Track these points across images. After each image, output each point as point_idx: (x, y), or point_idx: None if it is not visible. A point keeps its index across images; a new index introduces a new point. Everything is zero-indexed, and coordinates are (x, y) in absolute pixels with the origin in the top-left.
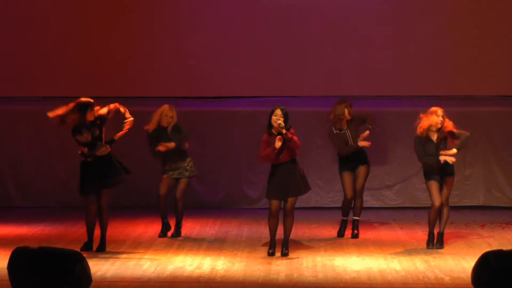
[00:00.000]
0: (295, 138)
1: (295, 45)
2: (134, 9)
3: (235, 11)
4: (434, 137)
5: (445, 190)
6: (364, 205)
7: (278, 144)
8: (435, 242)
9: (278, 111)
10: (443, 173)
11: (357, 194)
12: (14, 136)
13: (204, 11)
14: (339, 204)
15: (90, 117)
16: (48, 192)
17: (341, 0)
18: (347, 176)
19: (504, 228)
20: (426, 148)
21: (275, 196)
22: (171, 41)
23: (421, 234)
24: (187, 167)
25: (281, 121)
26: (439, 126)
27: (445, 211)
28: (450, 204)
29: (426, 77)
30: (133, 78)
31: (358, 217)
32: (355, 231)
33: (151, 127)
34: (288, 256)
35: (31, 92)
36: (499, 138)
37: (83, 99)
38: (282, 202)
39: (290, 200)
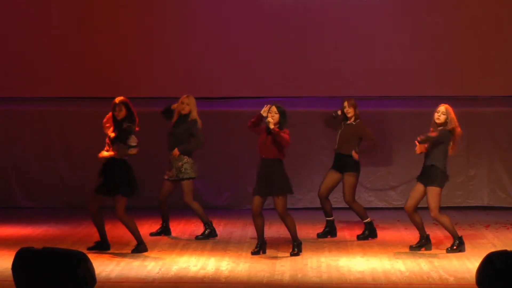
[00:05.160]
0: (284, 135)
1: (299, 46)
2: (137, 10)
3: (240, 12)
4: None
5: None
6: (369, 206)
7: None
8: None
9: (273, 108)
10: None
11: (346, 201)
12: (18, 136)
13: (208, 11)
14: (344, 205)
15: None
16: (52, 193)
17: (345, 0)
18: (328, 173)
19: (508, 228)
20: None
21: (258, 192)
22: (175, 41)
23: None
24: (181, 169)
25: (270, 118)
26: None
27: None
28: (453, 204)
29: (430, 78)
30: (137, 78)
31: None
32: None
33: (173, 120)
34: (300, 255)
35: (36, 92)
36: (503, 139)
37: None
38: (265, 201)
39: (277, 200)
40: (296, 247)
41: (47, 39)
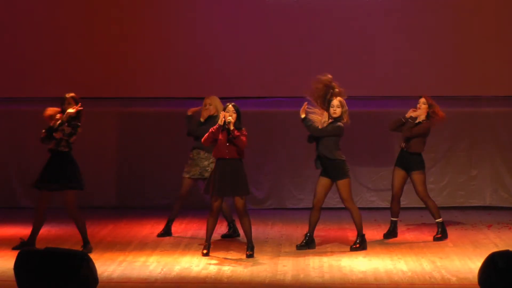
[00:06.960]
0: (242, 138)
1: (301, 46)
2: (138, 10)
3: (241, 11)
4: None
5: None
6: (371, 206)
7: (221, 120)
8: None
9: (230, 107)
10: None
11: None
12: (20, 137)
13: (209, 11)
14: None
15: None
16: (53, 193)
17: (347, 0)
18: (395, 172)
19: (510, 228)
20: None
21: (220, 194)
22: (176, 41)
23: (428, 234)
24: (207, 168)
25: (231, 117)
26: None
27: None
28: (455, 204)
29: (432, 78)
30: (138, 78)
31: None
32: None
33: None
34: (254, 257)
35: (37, 93)
36: (505, 139)
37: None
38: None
39: (238, 199)
40: (250, 249)
41: (48, 39)
